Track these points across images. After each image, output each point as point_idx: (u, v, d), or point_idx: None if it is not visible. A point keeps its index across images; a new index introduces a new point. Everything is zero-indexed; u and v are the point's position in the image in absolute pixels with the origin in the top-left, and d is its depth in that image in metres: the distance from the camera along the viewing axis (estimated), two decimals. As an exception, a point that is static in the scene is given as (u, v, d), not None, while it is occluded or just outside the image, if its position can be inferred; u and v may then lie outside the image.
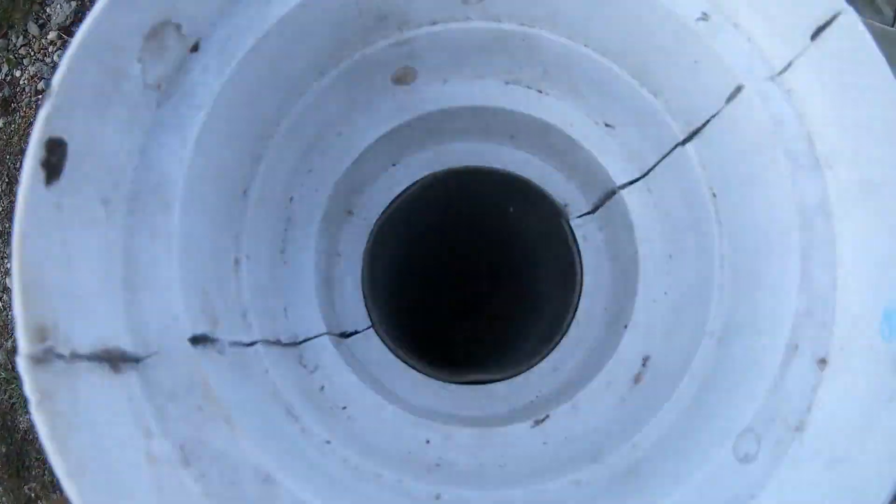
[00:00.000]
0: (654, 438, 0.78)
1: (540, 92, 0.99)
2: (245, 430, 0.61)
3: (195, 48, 0.73)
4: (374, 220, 1.00)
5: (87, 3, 2.63)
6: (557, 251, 1.04)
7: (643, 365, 0.93)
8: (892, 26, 2.84)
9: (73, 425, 0.52)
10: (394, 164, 1.03)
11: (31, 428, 2.30)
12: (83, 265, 0.60)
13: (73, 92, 0.61)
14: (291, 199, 0.91)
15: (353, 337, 0.97)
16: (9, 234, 2.44)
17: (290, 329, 0.87)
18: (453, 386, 0.97)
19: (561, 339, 1.00)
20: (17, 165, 2.49)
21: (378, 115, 0.94)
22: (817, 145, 0.79)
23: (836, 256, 0.76)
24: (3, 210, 2.52)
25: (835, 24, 0.76)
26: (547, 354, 0.99)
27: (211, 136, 0.70)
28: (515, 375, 0.98)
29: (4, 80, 2.68)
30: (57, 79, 0.60)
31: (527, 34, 0.89)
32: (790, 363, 0.72)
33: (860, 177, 0.76)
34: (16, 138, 2.57)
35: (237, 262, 0.78)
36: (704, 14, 0.83)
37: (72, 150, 0.60)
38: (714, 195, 0.88)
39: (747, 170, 0.83)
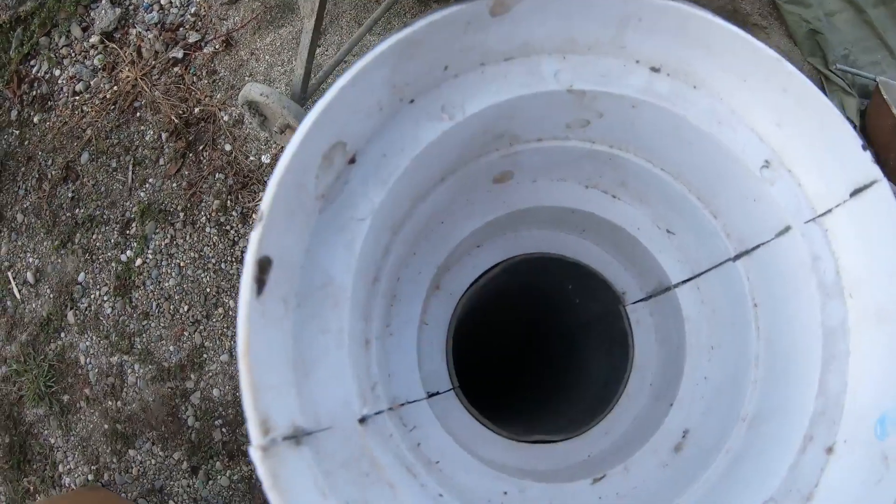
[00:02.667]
0: (693, 501, 0.93)
1: (614, 197, 1.14)
2: (400, 489, 0.74)
3: (352, 160, 0.86)
4: (460, 295, 1.14)
5: (131, 11, 2.71)
6: (613, 331, 1.19)
7: (683, 437, 1.08)
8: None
9: (288, 494, 0.65)
10: (478, 246, 1.17)
11: (36, 422, 2.35)
12: (276, 360, 0.73)
13: (276, 212, 0.74)
14: (399, 279, 1.04)
15: (436, 397, 1.11)
16: (34, 228, 2.50)
17: (394, 393, 1.00)
18: (519, 443, 1.11)
19: (612, 407, 1.14)
20: (49, 163, 2.56)
21: (476, 209, 1.08)
22: (843, 278, 0.95)
23: (848, 368, 0.92)
24: (30, 206, 2.60)
25: (871, 189, 0.92)
26: (600, 420, 1.14)
27: (368, 242, 0.84)
28: (573, 437, 1.12)
29: (44, 77, 2.77)
30: (266, 203, 0.73)
31: (613, 155, 1.04)
32: (806, 449, 0.88)
33: (876, 306, 0.92)
34: (49, 136, 2.65)
35: (367, 341, 0.91)
36: (767, 162, 0.98)
37: (275, 265, 0.73)
38: (756, 305, 1.03)
39: (785, 291, 0.98)
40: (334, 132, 0.81)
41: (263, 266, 0.71)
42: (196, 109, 2.52)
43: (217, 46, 2.58)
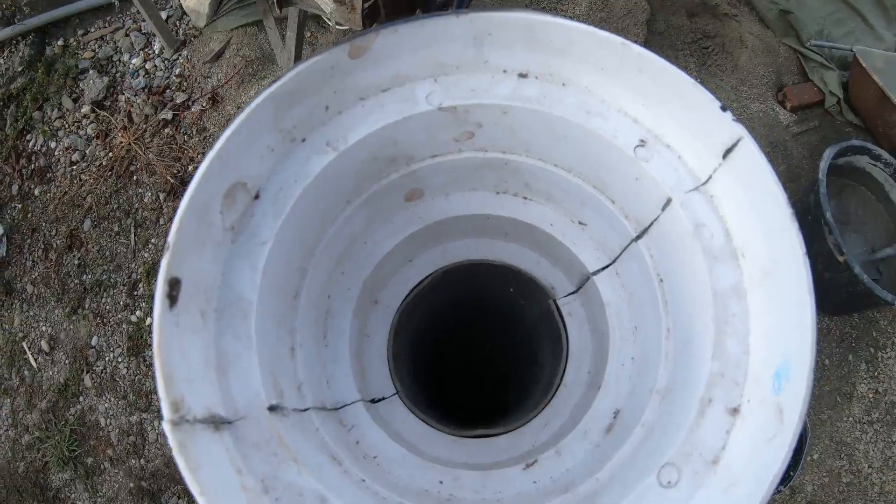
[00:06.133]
0: (609, 473, 1.14)
1: (525, 199, 1.39)
2: (307, 468, 1.01)
3: (257, 196, 1.16)
4: (396, 308, 1.41)
5: (118, 78, 3.16)
6: (548, 326, 1.43)
7: (614, 417, 1.30)
8: (896, 51, 3.19)
9: (198, 465, 0.93)
10: (410, 261, 1.44)
11: (63, 486, 2.71)
12: (193, 360, 1.02)
13: (181, 242, 1.04)
14: (329, 296, 1.33)
15: (381, 402, 1.37)
16: (44, 298, 2.92)
17: (333, 397, 1.27)
18: (463, 439, 1.36)
19: (551, 399, 1.37)
20: (54, 233, 2.98)
21: (394, 226, 1.36)
22: (734, 240, 1.17)
23: (750, 329, 1.13)
24: (38, 276, 3.03)
25: (738, 147, 1.14)
26: (539, 412, 1.37)
27: (272, 262, 1.13)
28: (514, 430, 1.36)
29: (40, 150, 3.25)
30: (172, 234, 1.04)
31: (507, 160, 1.30)
32: (704, 413, 1.08)
33: (760, 266, 1.13)
34: (51, 206, 3.08)
35: (293, 349, 1.19)
36: (642, 141, 1.22)
37: (184, 283, 1.04)
38: (661, 280, 1.26)
39: (679, 262, 1.20)
40: (230, 175, 1.11)
41: (173, 284, 1.01)
42: (190, 167, 2.93)
43: (204, 104, 3.00)
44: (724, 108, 1.14)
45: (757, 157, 1.12)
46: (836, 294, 2.60)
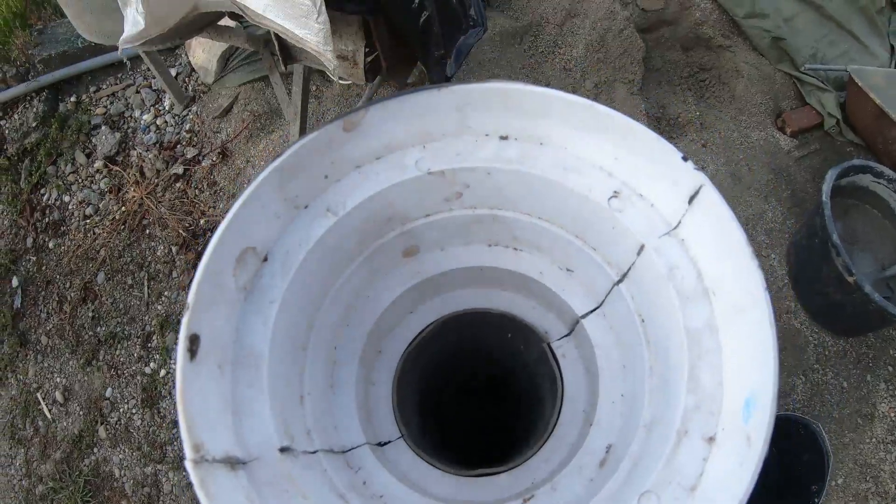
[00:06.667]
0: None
1: (516, 249, 1.53)
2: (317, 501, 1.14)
3: (265, 259, 1.31)
4: (400, 356, 1.55)
5: (129, 134, 3.36)
6: (544, 368, 1.55)
7: (607, 452, 1.41)
8: (891, 66, 3.31)
9: (217, 500, 1.06)
10: (411, 313, 1.58)
11: None
12: (212, 407, 1.15)
13: (199, 302, 1.18)
14: (335, 347, 1.47)
15: (387, 445, 1.50)
16: (58, 349, 3.07)
17: (340, 441, 1.40)
18: (466, 478, 1.47)
19: (548, 437, 1.49)
20: (68, 285, 3.15)
21: (394, 280, 1.50)
22: (705, 280, 1.30)
23: (723, 363, 1.25)
24: (53, 328, 3.19)
25: (701, 193, 1.27)
26: (537, 450, 1.49)
27: (281, 318, 1.27)
28: (514, 468, 1.48)
29: (54, 204, 3.44)
30: (191, 296, 1.18)
31: (495, 215, 1.45)
32: (680, 443, 1.20)
33: (731, 303, 1.25)
34: (66, 259, 3.26)
35: (302, 397, 1.33)
36: (616, 192, 1.36)
37: (203, 338, 1.17)
38: (643, 321, 1.38)
39: (655, 303, 1.33)
40: (241, 241, 1.26)
41: (193, 340, 1.15)
42: (202, 221, 3.10)
43: (214, 159, 3.18)
44: (685, 159, 1.28)
45: (717, 202, 1.25)
46: (848, 315, 2.65)
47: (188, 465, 1.07)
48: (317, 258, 1.32)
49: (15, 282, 3.30)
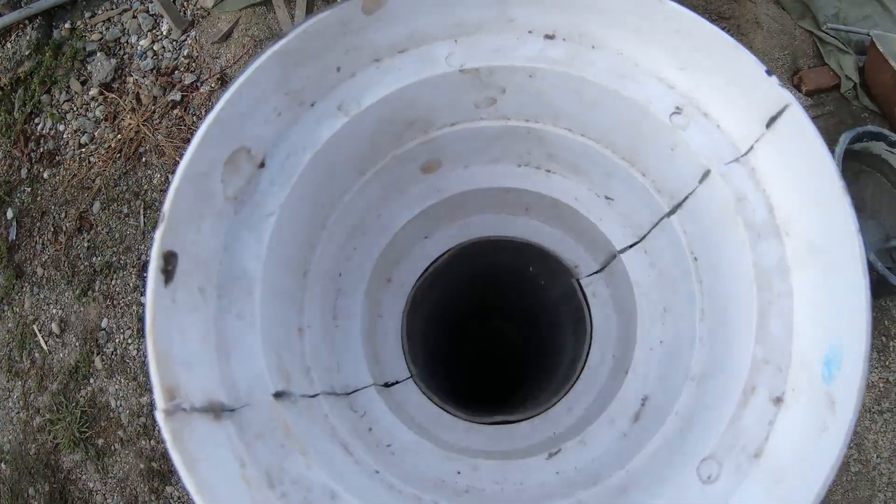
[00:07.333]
0: (641, 465, 1.01)
1: (548, 171, 1.25)
2: (315, 460, 0.88)
3: (262, 164, 1.03)
4: (411, 286, 1.28)
5: (126, 60, 3.03)
6: (570, 306, 1.30)
7: (642, 405, 1.17)
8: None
9: (195, 458, 0.81)
10: (426, 237, 1.31)
11: (74, 468, 2.61)
12: (191, 341, 0.89)
13: (177, 213, 0.91)
14: (340, 274, 1.20)
15: (395, 386, 1.24)
16: (54, 280, 2.81)
17: (343, 381, 1.15)
18: (481, 426, 1.23)
19: (574, 383, 1.24)
20: (63, 215, 2.86)
21: (410, 199, 1.23)
22: (777, 215, 1.03)
23: (794, 310, 0.99)
24: (48, 259, 2.90)
25: (784, 114, 1.00)
26: (562, 397, 1.24)
27: (279, 235, 0.99)
28: (535, 416, 1.23)
29: (49, 133, 3.11)
30: (166, 205, 0.91)
31: (531, 128, 1.16)
32: (747, 402, 0.95)
33: (808, 241, 0.99)
34: (60, 189, 2.95)
35: (301, 330, 1.06)
36: (678, 108, 1.08)
37: (181, 256, 0.90)
38: (695, 259, 1.12)
39: (718, 238, 1.07)
40: (232, 140, 0.97)
41: (168, 258, 0.88)
42: (199, 147, 2.79)
43: (213, 85, 2.85)
44: (769, 73, 1.00)
45: (806, 126, 0.98)
46: (848, 281, 2.44)
47: (159, 416, 0.81)
48: (323, 165, 1.04)
49: (10, 213, 3.01)
